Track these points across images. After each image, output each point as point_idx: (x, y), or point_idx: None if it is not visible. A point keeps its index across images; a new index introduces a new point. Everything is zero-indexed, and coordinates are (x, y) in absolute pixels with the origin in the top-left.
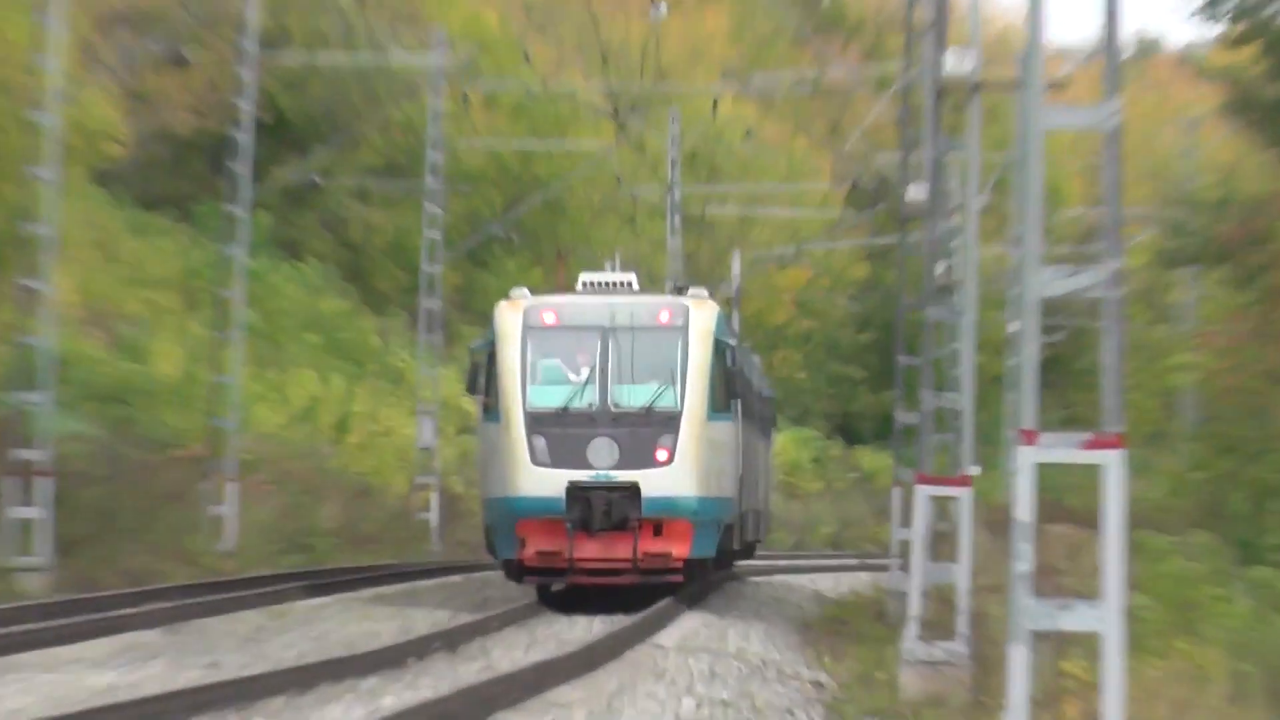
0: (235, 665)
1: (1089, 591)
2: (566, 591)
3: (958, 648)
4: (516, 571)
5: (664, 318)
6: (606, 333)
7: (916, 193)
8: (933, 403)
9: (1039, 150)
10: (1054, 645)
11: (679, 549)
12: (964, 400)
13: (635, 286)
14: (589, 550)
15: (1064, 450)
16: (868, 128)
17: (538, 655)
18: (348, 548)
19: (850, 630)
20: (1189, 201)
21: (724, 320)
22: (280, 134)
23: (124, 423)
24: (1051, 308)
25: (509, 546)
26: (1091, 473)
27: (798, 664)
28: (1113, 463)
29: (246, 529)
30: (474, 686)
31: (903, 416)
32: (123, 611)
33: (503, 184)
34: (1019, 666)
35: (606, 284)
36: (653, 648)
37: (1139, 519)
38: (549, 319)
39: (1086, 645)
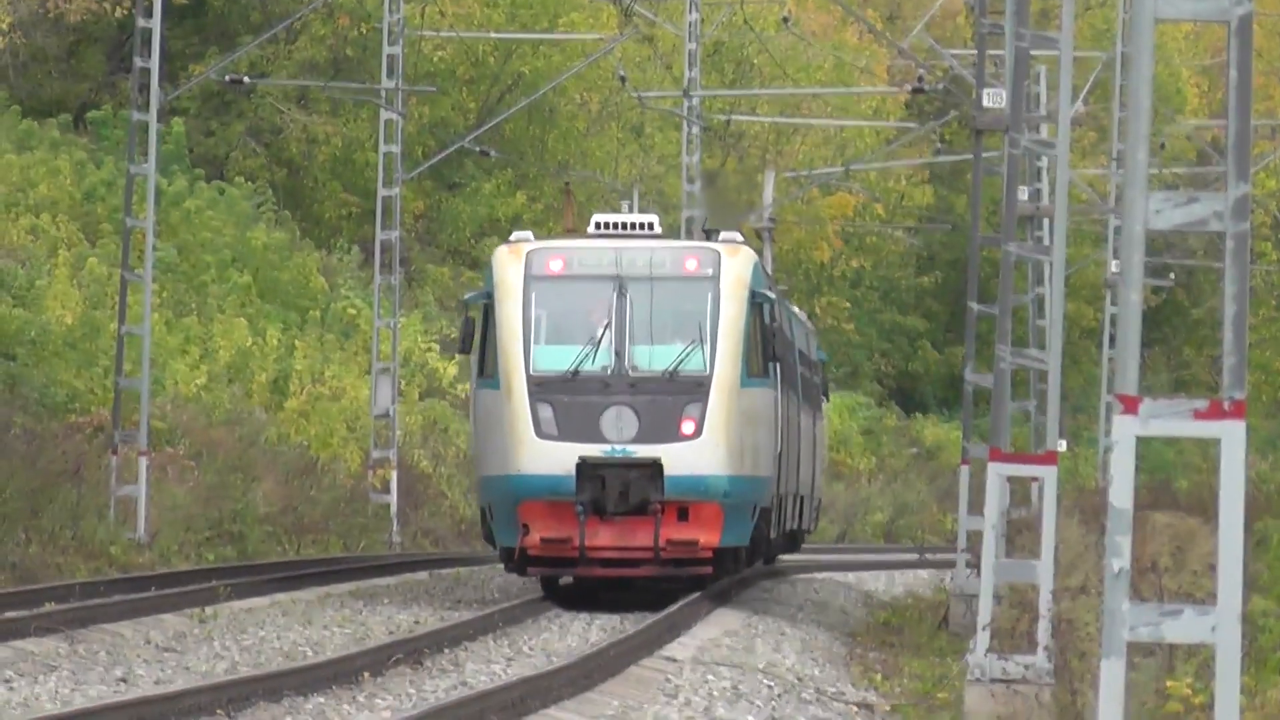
0: (151, 679)
1: (1200, 594)
2: (573, 586)
3: (1038, 662)
4: (518, 562)
5: (691, 266)
6: (623, 283)
7: (994, 99)
8: (1011, 361)
9: (1149, 46)
10: (1157, 660)
11: (708, 536)
12: (1050, 359)
13: (657, 229)
14: (603, 537)
15: (1172, 421)
16: (934, 16)
17: (521, 670)
18: (287, 537)
19: (906, 641)
20: None
21: (761, 270)
22: (199, 21)
23: (8, 382)
24: (1161, 244)
25: (509, 533)
26: (1206, 449)
27: (841, 681)
28: (1232, 436)
29: (162, 514)
30: (443, 707)
31: (974, 378)
32: (11, 614)
33: (477, 86)
34: (1113, 685)
35: (623, 226)
36: (663, 661)
37: (1264, 506)
38: (556, 267)
39: (1196, 660)
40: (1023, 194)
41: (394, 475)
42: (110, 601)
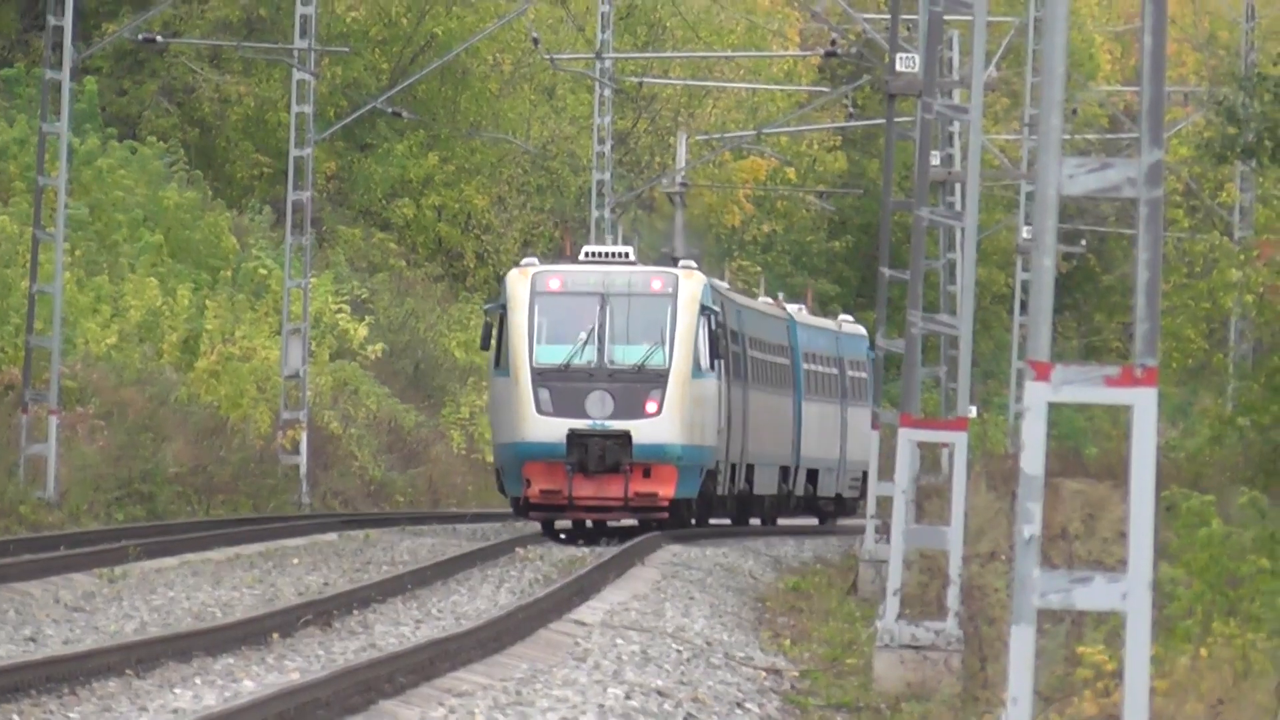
0: (59, 639)
1: (1111, 562)
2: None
3: (948, 628)
4: (523, 507)
5: (656, 286)
6: (605, 298)
7: (908, 63)
8: (923, 327)
9: (1063, 11)
10: (1067, 627)
11: (665, 490)
12: (962, 324)
13: (632, 257)
14: (586, 489)
15: (1084, 388)
16: None
17: (430, 632)
18: (196, 497)
19: (815, 606)
20: (1246, 79)
21: (710, 289)
22: None
23: None
24: (1074, 210)
25: (516, 486)
26: (1117, 415)
27: (750, 646)
28: (1143, 403)
29: (72, 473)
30: (352, 669)
31: (885, 343)
32: None
33: (390, 47)
34: (1022, 652)
35: (606, 254)
36: (572, 624)
37: (1173, 474)
38: (554, 285)
39: (1106, 627)
40: (935, 159)
41: (304, 436)
42: (19, 560)
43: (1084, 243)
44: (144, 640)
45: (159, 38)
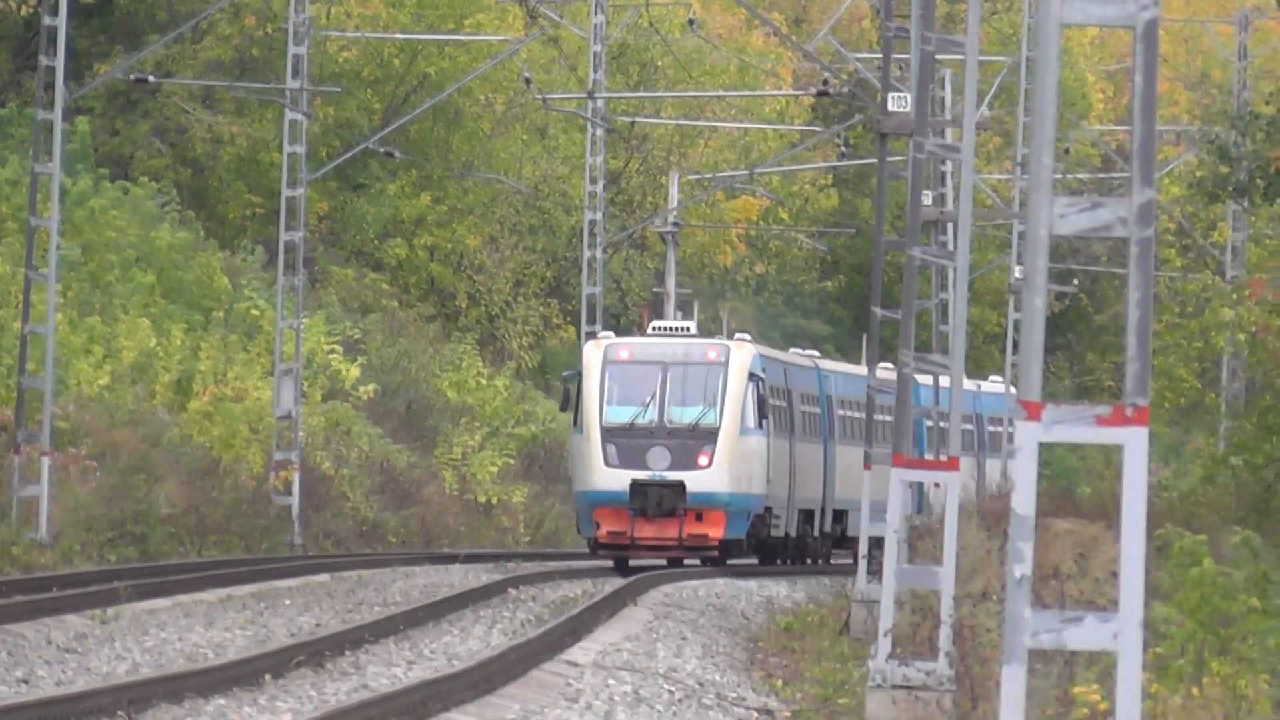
0: (52, 680)
1: (1102, 601)
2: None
3: (940, 668)
4: (592, 547)
5: (711, 355)
6: (666, 366)
7: (900, 103)
8: (915, 366)
9: (1054, 50)
10: (1059, 666)
11: (715, 531)
12: (954, 364)
13: (693, 330)
14: (646, 531)
15: (1075, 427)
16: (840, 20)
17: (422, 673)
18: (189, 538)
19: (807, 646)
20: (1238, 118)
21: (759, 358)
22: (105, 20)
23: None
24: (1066, 249)
25: (588, 528)
26: (1109, 455)
27: (742, 687)
28: (1135, 443)
29: (64, 514)
30: (343, 710)
31: (876, 384)
32: None
33: (382, 86)
34: (1014, 692)
35: (671, 328)
36: (564, 665)
37: (1166, 513)
38: (624, 355)
39: (1099, 667)
40: (927, 198)
41: (296, 477)
42: (11, 602)
43: (1076, 282)
44: (136, 681)
45: (151, 78)
